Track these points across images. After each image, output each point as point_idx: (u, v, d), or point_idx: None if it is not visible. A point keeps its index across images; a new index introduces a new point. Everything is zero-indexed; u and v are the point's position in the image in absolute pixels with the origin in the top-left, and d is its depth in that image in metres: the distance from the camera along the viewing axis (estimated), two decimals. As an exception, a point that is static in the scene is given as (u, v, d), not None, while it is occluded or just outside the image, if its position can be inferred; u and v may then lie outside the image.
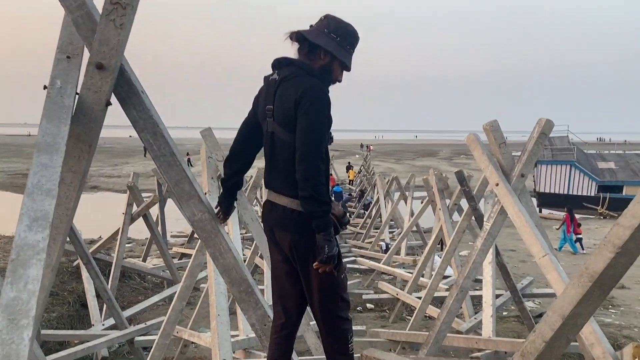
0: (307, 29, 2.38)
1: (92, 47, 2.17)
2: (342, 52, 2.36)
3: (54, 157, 1.98)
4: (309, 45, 2.36)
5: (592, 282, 2.05)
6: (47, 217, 1.84)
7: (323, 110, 2.25)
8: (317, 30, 2.36)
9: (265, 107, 2.37)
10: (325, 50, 2.34)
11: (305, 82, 2.27)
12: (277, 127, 2.33)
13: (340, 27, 2.37)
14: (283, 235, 2.39)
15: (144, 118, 2.32)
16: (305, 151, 2.22)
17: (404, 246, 11.61)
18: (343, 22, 2.39)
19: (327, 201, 2.24)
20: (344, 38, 2.37)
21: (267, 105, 2.36)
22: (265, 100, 2.39)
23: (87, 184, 35.01)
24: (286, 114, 2.28)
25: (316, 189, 2.20)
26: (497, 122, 4.44)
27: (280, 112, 2.31)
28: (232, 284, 2.41)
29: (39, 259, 1.74)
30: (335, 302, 2.41)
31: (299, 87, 2.26)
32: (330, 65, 2.37)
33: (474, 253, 4.39)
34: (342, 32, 2.37)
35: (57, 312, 7.79)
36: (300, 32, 2.36)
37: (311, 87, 2.25)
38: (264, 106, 2.39)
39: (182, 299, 4.44)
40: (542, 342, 2.14)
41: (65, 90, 2.16)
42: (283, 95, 2.30)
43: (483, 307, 5.63)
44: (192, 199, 2.37)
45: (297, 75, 2.30)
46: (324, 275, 2.27)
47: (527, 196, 4.45)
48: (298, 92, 2.25)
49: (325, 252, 2.21)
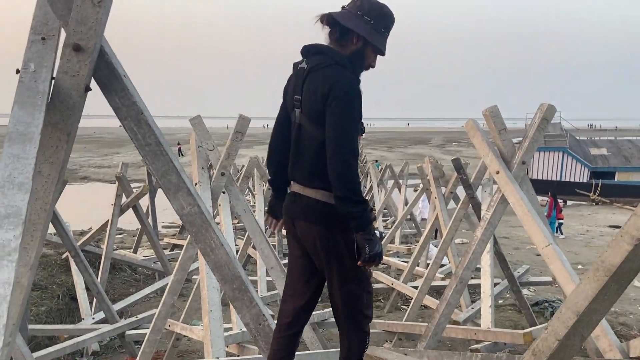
0: (338, 11, 2.24)
1: (69, 26, 1.99)
2: (376, 36, 2.22)
3: (27, 147, 1.81)
4: (340, 30, 2.22)
5: (608, 277, 1.92)
6: (20, 214, 1.67)
7: (353, 104, 2.13)
8: (350, 12, 2.22)
9: (294, 97, 2.28)
10: (358, 34, 2.20)
11: (334, 74, 2.15)
12: (304, 119, 2.24)
13: (375, 9, 2.22)
14: (306, 227, 2.29)
15: (126, 105, 2.14)
16: (336, 148, 2.12)
17: (398, 235, 11.52)
18: (377, 3, 2.24)
19: (362, 200, 2.16)
20: (378, 20, 2.22)
21: (296, 95, 2.27)
22: (294, 91, 2.29)
23: (77, 174, 34.63)
24: (313, 107, 2.19)
25: (350, 188, 2.12)
26: (497, 108, 4.30)
27: (307, 104, 2.21)
28: (224, 282, 2.26)
29: (11, 260, 1.58)
30: (361, 297, 2.32)
31: (327, 80, 2.15)
32: (363, 51, 2.24)
33: (473, 243, 4.27)
34: (376, 14, 2.22)
35: (46, 306, 7.62)
36: (331, 15, 2.22)
37: (340, 81, 2.13)
38: (292, 96, 2.30)
39: (172, 294, 4.29)
40: (556, 340, 2.02)
41: (39, 74, 1.98)
42: (311, 86, 2.20)
43: (482, 298, 5.54)
44: (180, 191, 2.21)
45: (325, 66, 2.18)
46: (349, 268, 2.21)
47: (528, 184, 4.33)
48: (326, 86, 2.14)
49: (367, 252, 2.14)
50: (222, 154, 4.21)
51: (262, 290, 6.90)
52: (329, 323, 6.49)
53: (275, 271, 4.20)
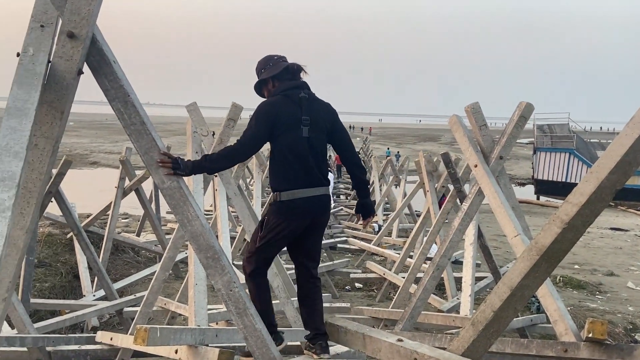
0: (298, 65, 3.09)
1: (64, 16, 2.23)
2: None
3: (23, 121, 2.05)
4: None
5: (539, 256, 2.13)
6: (14, 178, 1.92)
7: None
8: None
9: (301, 117, 2.93)
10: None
11: (326, 102, 3.11)
12: (313, 132, 2.95)
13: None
14: (324, 217, 3.14)
15: (115, 87, 2.38)
16: (354, 147, 3.21)
17: (396, 228, 11.72)
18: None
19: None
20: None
21: (303, 116, 2.93)
22: (296, 114, 2.93)
23: (87, 159, 35.16)
24: (324, 124, 3.01)
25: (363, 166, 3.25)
26: (478, 105, 4.49)
27: (317, 122, 2.97)
28: (199, 250, 2.50)
29: (4, 217, 1.83)
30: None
31: (327, 105, 3.09)
32: None
33: (451, 232, 4.48)
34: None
35: (49, 283, 7.93)
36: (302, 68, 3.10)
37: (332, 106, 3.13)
38: (295, 117, 2.92)
39: (165, 269, 4.55)
40: (491, 311, 2.23)
41: (37, 57, 2.23)
42: (319, 110, 3.02)
43: (462, 287, 5.75)
44: (159, 167, 2.45)
45: (316, 97, 3.05)
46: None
47: (506, 178, 4.53)
48: (331, 108, 3.10)
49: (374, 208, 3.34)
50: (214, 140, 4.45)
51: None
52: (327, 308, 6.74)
53: (261, 252, 4.43)
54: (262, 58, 3.09)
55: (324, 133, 3.00)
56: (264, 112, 2.89)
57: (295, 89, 2.97)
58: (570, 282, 9.83)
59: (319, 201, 2.98)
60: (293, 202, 2.90)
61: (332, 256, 10.66)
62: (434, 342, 3.77)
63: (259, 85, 3.10)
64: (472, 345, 2.30)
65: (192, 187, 4.11)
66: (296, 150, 2.89)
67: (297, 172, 2.91)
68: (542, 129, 28.67)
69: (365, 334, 2.69)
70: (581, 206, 2.04)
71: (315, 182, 2.95)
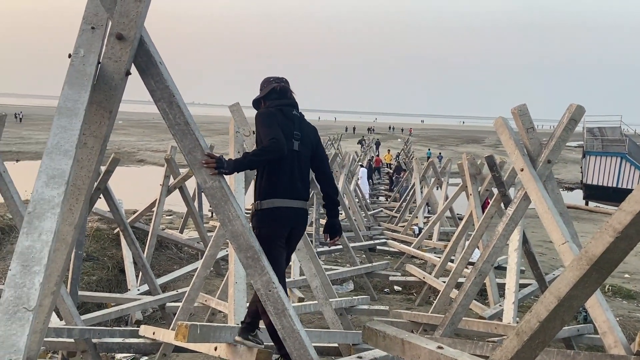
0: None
1: (113, 18, 2.30)
2: None
3: (73, 120, 2.12)
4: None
5: (589, 265, 2.04)
6: (64, 175, 1.99)
7: None
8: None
9: (293, 132, 3.16)
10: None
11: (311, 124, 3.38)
12: (302, 147, 3.19)
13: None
14: (300, 231, 3.28)
15: (160, 88, 2.43)
16: (330, 169, 3.45)
17: (437, 231, 11.53)
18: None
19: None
20: None
21: (295, 131, 3.17)
22: (289, 127, 3.15)
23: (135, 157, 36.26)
24: (309, 140, 3.26)
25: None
26: (525, 107, 4.36)
27: (306, 138, 3.23)
28: (239, 250, 2.52)
29: (54, 213, 1.89)
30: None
31: (313, 127, 3.40)
32: None
33: (494, 237, 4.36)
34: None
35: (97, 276, 8.22)
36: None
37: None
38: (289, 130, 3.13)
39: (206, 267, 4.62)
40: (537, 322, 2.15)
41: (87, 59, 2.30)
42: (308, 128, 3.30)
43: (506, 294, 5.59)
44: (204, 167, 2.48)
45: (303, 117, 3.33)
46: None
47: (553, 183, 4.37)
48: (315, 130, 3.41)
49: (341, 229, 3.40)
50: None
51: (295, 274, 7.17)
52: (357, 309, 6.70)
53: (301, 253, 4.45)
54: (263, 79, 3.42)
55: (310, 150, 3.24)
56: (266, 115, 3.11)
57: (288, 107, 3.24)
58: (619, 292, 9.42)
59: (297, 213, 3.15)
60: (273, 210, 3.04)
61: (370, 258, 10.59)
62: (475, 350, 3.68)
63: (256, 103, 3.39)
64: (516, 356, 2.22)
65: (234, 187, 4.16)
66: (287, 162, 3.08)
67: (282, 182, 3.08)
68: (593, 132, 27.63)
69: (405, 339, 2.64)
70: (636, 214, 1.93)
71: (296, 195, 3.12)
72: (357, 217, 12.78)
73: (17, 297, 1.65)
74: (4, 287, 1.68)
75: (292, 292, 6.66)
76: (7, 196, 4.80)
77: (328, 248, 10.27)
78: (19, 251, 1.75)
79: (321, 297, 4.72)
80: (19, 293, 1.66)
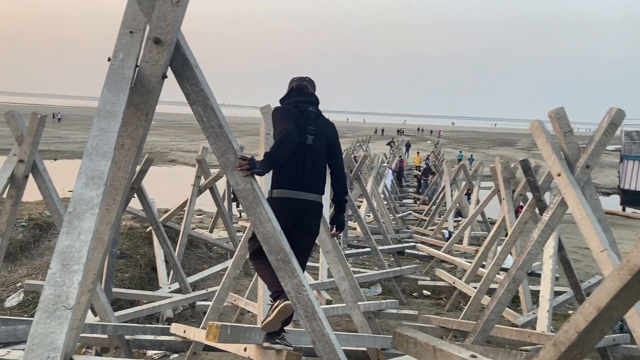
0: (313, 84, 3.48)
1: (151, 22, 2.34)
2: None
3: (111, 123, 2.17)
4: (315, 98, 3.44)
5: (631, 276, 1.96)
6: (103, 177, 2.03)
7: None
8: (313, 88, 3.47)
9: (308, 127, 3.21)
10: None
11: (330, 121, 3.43)
12: (316, 142, 3.23)
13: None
14: (310, 222, 3.24)
15: (196, 91, 2.46)
16: (343, 168, 3.47)
17: (467, 235, 11.35)
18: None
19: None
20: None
21: (309, 126, 3.22)
22: (304, 123, 3.21)
23: (167, 157, 36.90)
24: (325, 135, 3.29)
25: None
26: (563, 110, 4.25)
27: (321, 133, 3.27)
28: (270, 252, 2.53)
29: (93, 213, 1.93)
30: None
31: (331, 123, 3.42)
32: None
33: (529, 244, 4.27)
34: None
35: (130, 273, 8.40)
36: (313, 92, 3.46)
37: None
38: (303, 125, 3.19)
39: (236, 267, 4.66)
40: (575, 332, 2.08)
41: (126, 62, 2.35)
42: (323, 124, 3.33)
43: (540, 302, 5.46)
44: (236, 169, 2.50)
45: (321, 113, 3.38)
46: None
47: (592, 188, 4.24)
48: (333, 126, 3.44)
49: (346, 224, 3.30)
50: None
51: (323, 276, 7.17)
52: (386, 313, 6.65)
53: (330, 255, 4.44)
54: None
55: (325, 146, 3.28)
56: (281, 110, 3.21)
57: (304, 103, 3.31)
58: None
59: (304, 205, 3.14)
60: (280, 199, 3.09)
61: (399, 261, 10.50)
62: (508, 359, 3.60)
63: (280, 103, 3.50)
64: (553, 367, 2.16)
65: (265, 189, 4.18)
66: (298, 155, 3.12)
67: (293, 174, 3.13)
68: (631, 136, 26.77)
69: (437, 346, 2.60)
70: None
71: (306, 188, 3.15)
72: (386, 220, 12.69)
73: (57, 296, 1.69)
74: (44, 284, 1.73)
75: (320, 294, 6.66)
76: (46, 194, 4.94)
77: (356, 250, 10.25)
78: (59, 250, 1.79)
79: (350, 301, 4.70)
80: (59, 291, 1.70)
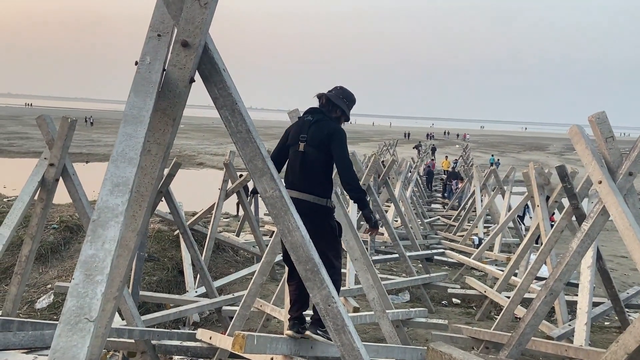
0: (330, 93, 3.72)
1: (179, 25, 2.28)
2: (348, 111, 3.76)
3: (138, 128, 2.11)
4: (331, 104, 3.68)
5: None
6: (128, 183, 1.97)
7: (346, 140, 3.59)
8: (337, 95, 3.71)
9: (300, 135, 3.56)
10: (341, 109, 3.71)
11: (332, 124, 3.59)
12: (308, 148, 3.51)
13: (348, 96, 3.77)
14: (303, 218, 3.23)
15: (224, 95, 2.40)
16: (344, 167, 3.50)
17: (498, 242, 11.07)
18: (349, 92, 3.80)
19: (363, 189, 3.66)
20: (350, 103, 3.78)
21: (301, 134, 3.55)
22: (298, 132, 3.59)
23: (195, 160, 37.34)
24: (319, 141, 3.50)
25: (356, 184, 3.55)
26: (604, 114, 4.05)
27: (312, 140, 3.51)
28: (298, 262, 2.44)
29: (117, 221, 1.87)
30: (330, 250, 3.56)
31: (329, 127, 3.55)
32: (340, 118, 3.74)
33: (568, 255, 4.08)
34: (349, 99, 3.77)
35: (157, 276, 8.43)
36: (326, 95, 3.70)
37: (338, 128, 3.60)
38: (297, 134, 3.59)
39: (262, 274, 4.59)
40: (625, 354, 1.94)
41: (153, 66, 2.29)
42: (317, 130, 3.54)
43: (577, 314, 5.23)
44: (264, 175, 2.42)
45: (325, 120, 3.59)
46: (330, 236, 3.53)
47: (635, 197, 4.04)
48: (330, 129, 3.54)
49: (373, 220, 3.70)
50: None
51: (350, 283, 7.05)
52: (414, 322, 6.49)
53: (358, 263, 4.33)
54: (353, 96, 3.88)
55: (320, 150, 3.50)
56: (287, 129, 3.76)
57: (306, 114, 3.69)
58: None
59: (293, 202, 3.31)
60: None
61: (427, 268, 10.30)
62: (546, 376, 3.43)
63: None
64: (601, 391, 2.01)
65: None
66: (292, 160, 3.59)
67: (288, 176, 3.59)
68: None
69: (472, 363, 2.47)
70: None
71: (297, 187, 3.47)
72: (414, 225, 12.49)
73: (79, 307, 1.63)
74: (67, 295, 1.68)
75: (348, 302, 6.55)
76: (76, 198, 4.98)
77: (383, 256, 10.10)
78: (82, 260, 1.74)
79: (378, 310, 4.58)
80: (81, 303, 1.64)
